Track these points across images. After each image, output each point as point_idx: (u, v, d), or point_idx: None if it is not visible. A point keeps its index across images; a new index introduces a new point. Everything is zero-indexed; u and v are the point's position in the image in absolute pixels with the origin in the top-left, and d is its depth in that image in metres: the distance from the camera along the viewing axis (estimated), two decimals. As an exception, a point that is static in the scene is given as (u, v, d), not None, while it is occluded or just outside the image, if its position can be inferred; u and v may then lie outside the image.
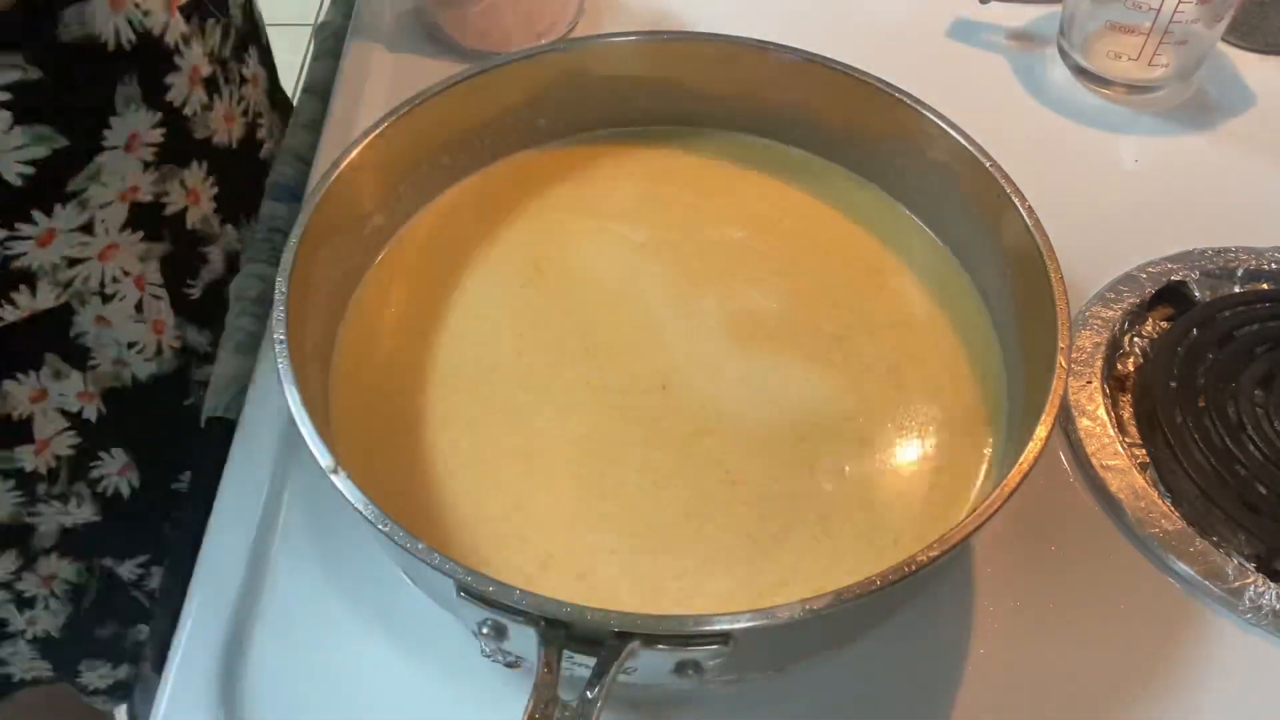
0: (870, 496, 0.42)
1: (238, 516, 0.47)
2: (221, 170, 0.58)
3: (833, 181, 0.53)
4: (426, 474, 0.43)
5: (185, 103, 0.53)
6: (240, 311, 0.54)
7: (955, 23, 0.69)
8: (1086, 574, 0.46)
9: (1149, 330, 0.54)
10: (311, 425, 0.37)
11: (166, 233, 0.56)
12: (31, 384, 0.54)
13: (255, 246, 0.56)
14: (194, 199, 0.57)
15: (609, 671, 0.33)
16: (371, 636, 0.44)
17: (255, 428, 0.50)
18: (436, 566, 0.34)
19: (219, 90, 0.57)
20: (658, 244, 0.50)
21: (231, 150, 0.59)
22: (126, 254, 0.54)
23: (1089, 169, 0.62)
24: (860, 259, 0.50)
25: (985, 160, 0.45)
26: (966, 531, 0.35)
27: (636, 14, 0.67)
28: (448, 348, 0.46)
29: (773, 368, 0.46)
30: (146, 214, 0.54)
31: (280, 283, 0.41)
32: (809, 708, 0.42)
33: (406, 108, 0.47)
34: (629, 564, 0.40)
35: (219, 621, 0.44)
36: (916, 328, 0.47)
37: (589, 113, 0.53)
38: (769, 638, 0.35)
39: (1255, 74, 0.67)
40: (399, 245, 0.50)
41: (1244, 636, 0.44)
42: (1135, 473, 0.48)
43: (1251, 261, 0.55)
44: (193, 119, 0.55)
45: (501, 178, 0.52)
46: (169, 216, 0.56)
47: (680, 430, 0.44)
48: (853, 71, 0.49)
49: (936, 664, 0.43)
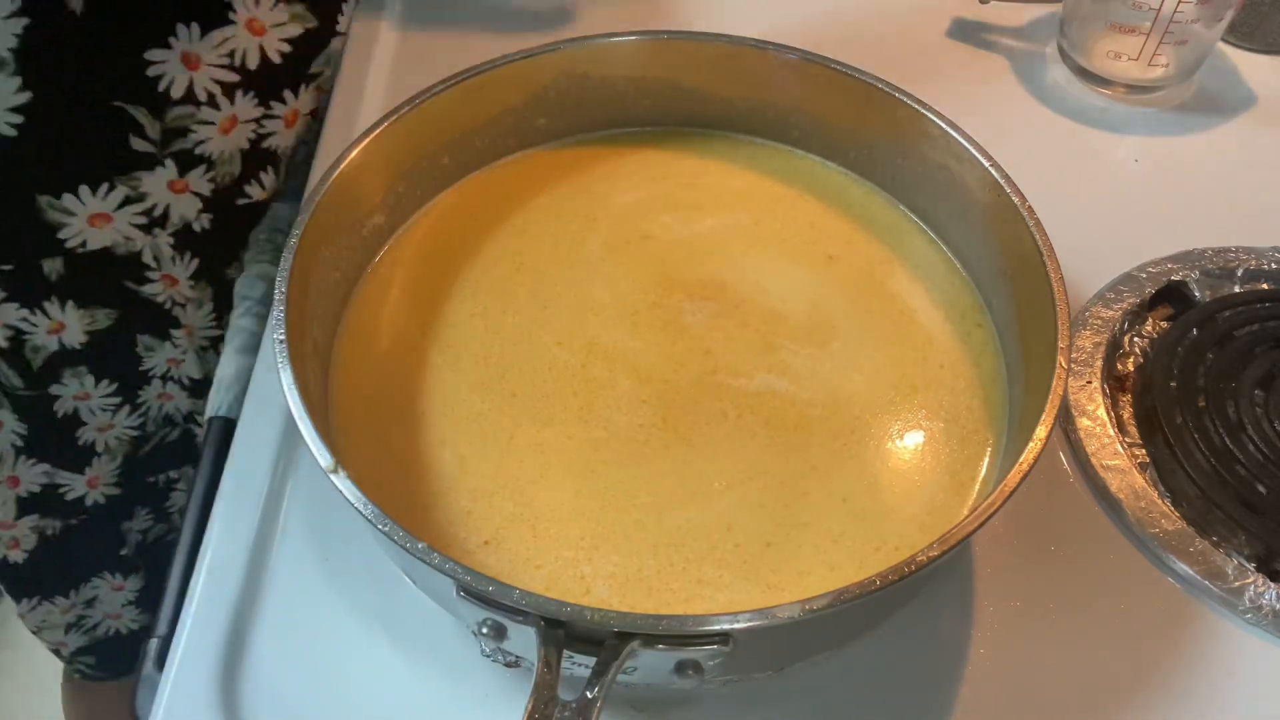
0: (870, 497, 0.42)
1: (238, 516, 0.47)
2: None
3: (832, 181, 0.53)
4: (426, 474, 0.43)
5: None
6: (243, 311, 0.54)
7: (955, 23, 0.69)
8: (1086, 574, 0.46)
9: (1149, 330, 0.54)
10: (311, 425, 0.37)
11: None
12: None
13: (258, 246, 0.56)
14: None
15: (609, 671, 0.33)
16: (371, 636, 0.44)
17: (255, 428, 0.50)
18: (436, 566, 0.34)
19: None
20: (658, 245, 0.50)
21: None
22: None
23: (1089, 169, 0.62)
24: (860, 259, 0.50)
25: (985, 160, 0.45)
26: (966, 531, 0.35)
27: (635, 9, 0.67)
28: (448, 348, 0.46)
29: (772, 368, 0.46)
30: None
31: (280, 283, 0.41)
32: (809, 708, 0.42)
33: (406, 108, 0.47)
34: (630, 564, 0.40)
35: (219, 621, 0.44)
36: (916, 328, 0.47)
37: (589, 113, 0.53)
38: (769, 638, 0.35)
39: (1255, 74, 0.67)
40: (399, 245, 0.50)
41: (1244, 636, 0.44)
42: (1135, 473, 0.48)
43: (1251, 261, 0.55)
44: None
45: (501, 178, 0.53)
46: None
47: (682, 430, 0.44)
48: (853, 71, 0.49)
49: (936, 664, 0.43)
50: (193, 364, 0.59)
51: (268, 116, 0.49)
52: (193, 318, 0.57)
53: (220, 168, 0.50)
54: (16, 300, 0.50)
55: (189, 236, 0.53)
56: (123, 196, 0.48)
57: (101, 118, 0.46)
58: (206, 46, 0.46)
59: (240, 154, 0.50)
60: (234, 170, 0.51)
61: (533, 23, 0.66)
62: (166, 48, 0.45)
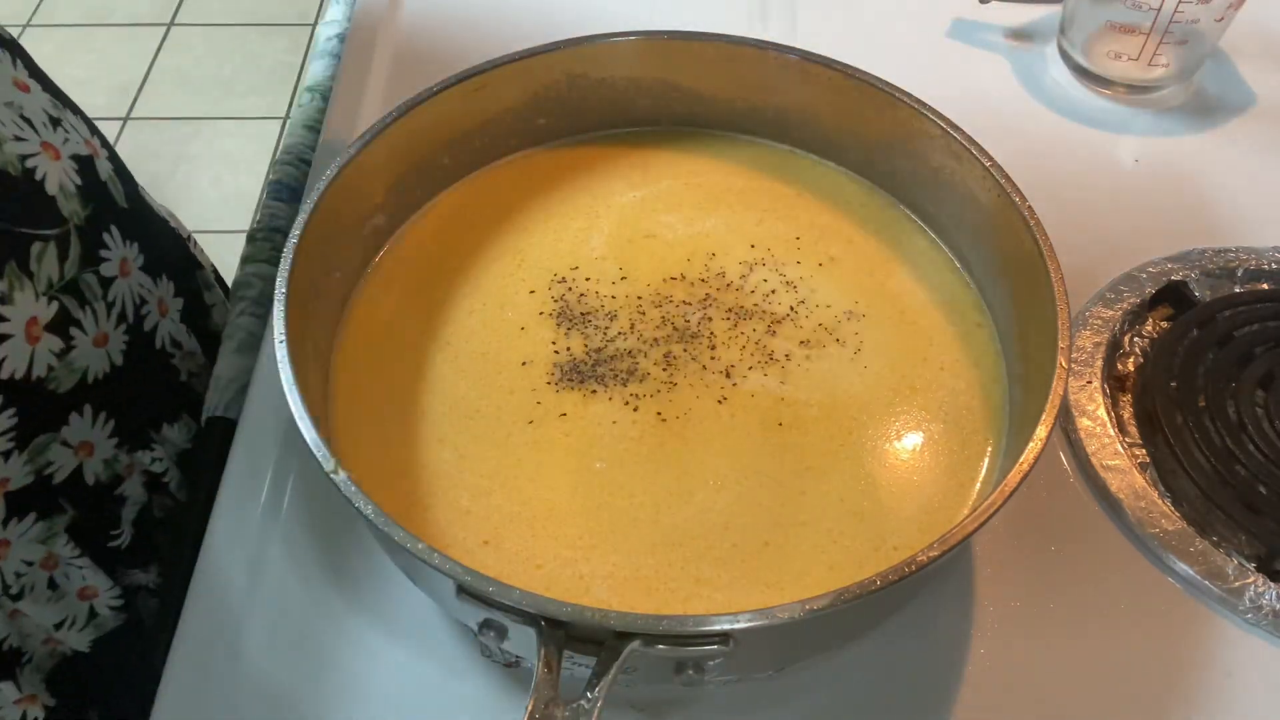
0: (869, 497, 0.42)
1: (238, 516, 0.47)
2: (112, 404, 0.50)
3: (832, 182, 0.53)
4: (426, 473, 0.43)
5: (31, 365, 0.45)
6: (240, 311, 0.54)
7: (955, 23, 0.69)
8: (1086, 574, 0.46)
9: (1149, 330, 0.54)
10: (311, 425, 0.37)
11: (64, 501, 0.49)
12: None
13: (255, 246, 0.56)
14: (87, 452, 0.50)
15: (609, 671, 0.33)
16: (371, 636, 0.44)
17: (255, 428, 0.50)
18: (437, 566, 0.34)
19: (79, 325, 0.48)
20: (656, 245, 0.50)
21: (118, 372, 0.50)
22: (21, 546, 0.48)
23: (1089, 169, 0.62)
24: (860, 259, 0.50)
25: (985, 160, 0.45)
26: (967, 531, 0.35)
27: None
28: (447, 345, 0.46)
29: (771, 368, 0.46)
30: (31, 496, 0.47)
31: (280, 283, 0.41)
32: (809, 708, 0.42)
33: (407, 108, 0.47)
34: (628, 562, 0.40)
35: (219, 621, 0.44)
36: (916, 328, 0.47)
37: (589, 113, 0.53)
38: (769, 638, 0.35)
39: (1255, 74, 0.67)
40: (399, 245, 0.50)
41: (1244, 636, 0.44)
42: (1135, 473, 0.48)
43: (1251, 261, 0.55)
44: (47, 378, 0.46)
45: (501, 178, 0.53)
46: (60, 485, 0.48)
47: (682, 430, 0.44)
48: (853, 71, 0.49)
49: (936, 664, 0.43)
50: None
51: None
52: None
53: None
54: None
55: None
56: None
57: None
58: None
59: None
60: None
61: (532, 23, 0.66)
62: None
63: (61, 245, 0.47)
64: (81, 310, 0.48)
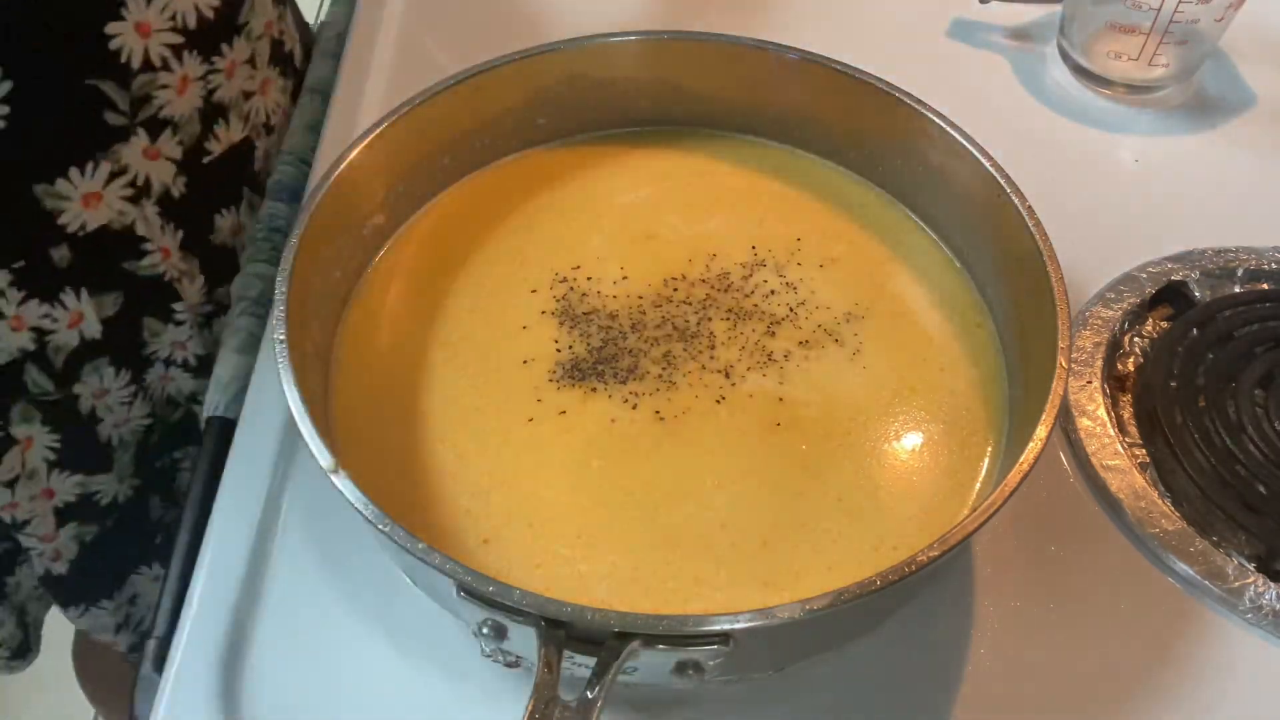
0: (870, 497, 0.42)
1: (238, 516, 0.47)
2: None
3: (833, 182, 0.53)
4: (427, 473, 0.43)
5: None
6: (240, 311, 0.54)
7: (955, 23, 0.69)
8: (1086, 574, 0.46)
9: (1149, 330, 0.54)
10: (311, 425, 0.37)
11: (290, 70, 0.61)
12: (232, 219, 0.58)
13: (256, 246, 0.56)
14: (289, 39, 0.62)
15: (609, 671, 0.33)
16: (371, 636, 0.44)
17: (255, 428, 0.50)
18: (437, 567, 0.34)
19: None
20: (657, 245, 0.50)
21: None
22: (274, 89, 0.59)
23: (1089, 169, 0.62)
24: (860, 259, 0.50)
25: (985, 160, 0.45)
26: (967, 531, 0.35)
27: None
28: (447, 344, 0.46)
29: (771, 368, 0.46)
30: (277, 50, 0.58)
31: (280, 283, 0.41)
32: (809, 708, 0.42)
33: (406, 108, 0.47)
34: (627, 562, 0.40)
35: (219, 621, 0.44)
36: (916, 328, 0.47)
37: (589, 113, 0.53)
38: (769, 638, 0.35)
39: (1255, 74, 0.67)
40: (399, 245, 0.50)
41: (1244, 636, 0.44)
42: (1135, 473, 0.48)
43: (1251, 261, 0.55)
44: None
45: (501, 178, 0.53)
46: (287, 54, 0.61)
47: (683, 430, 0.44)
48: (853, 71, 0.49)
49: (936, 664, 0.43)
50: (196, 342, 0.60)
51: (212, 71, 0.52)
52: (189, 292, 0.57)
53: (184, 129, 0.53)
54: (36, 296, 0.51)
55: (170, 204, 0.54)
56: (108, 172, 0.50)
57: (77, 97, 0.48)
58: (154, 12, 0.48)
59: (197, 112, 0.53)
60: (195, 129, 0.54)
61: (532, 23, 0.66)
62: (121, 20, 0.47)
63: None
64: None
